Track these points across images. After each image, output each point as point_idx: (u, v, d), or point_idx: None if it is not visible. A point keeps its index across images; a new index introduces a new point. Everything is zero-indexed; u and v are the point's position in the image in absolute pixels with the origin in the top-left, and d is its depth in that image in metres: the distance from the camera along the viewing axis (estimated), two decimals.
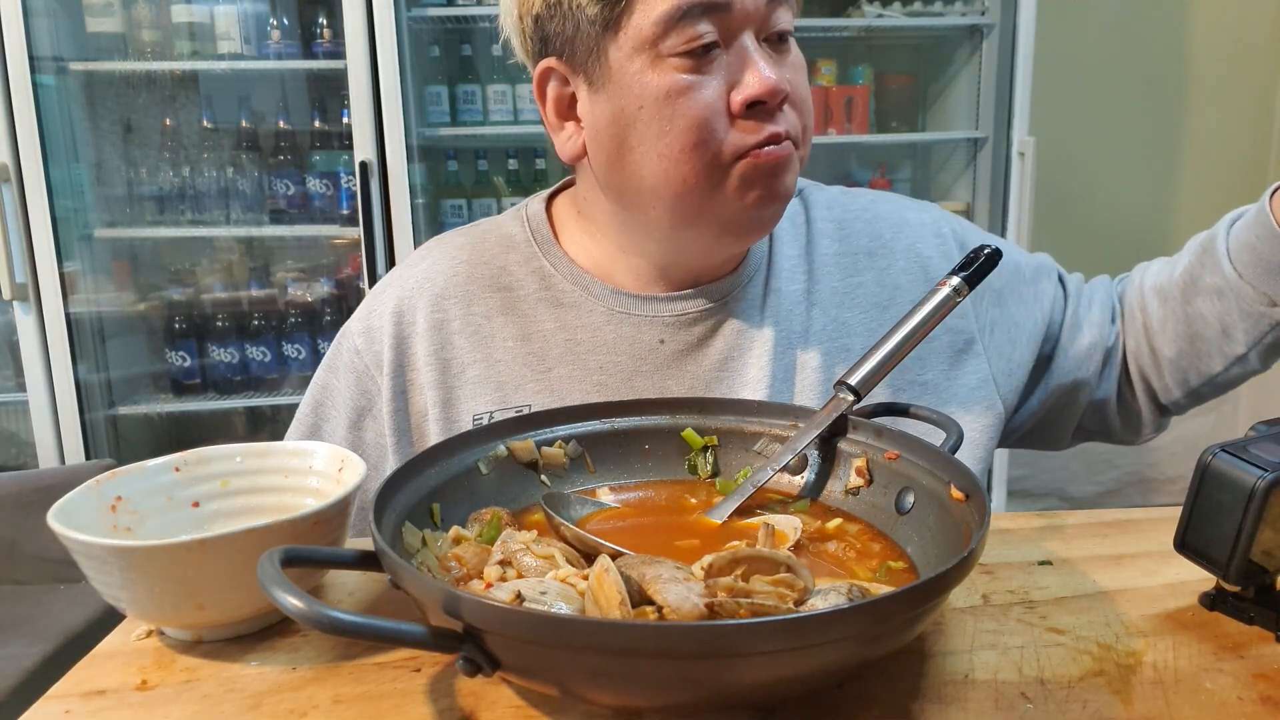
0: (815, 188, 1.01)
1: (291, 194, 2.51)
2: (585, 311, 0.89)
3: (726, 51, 0.78)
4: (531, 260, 0.92)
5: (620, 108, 0.80)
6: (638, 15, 0.77)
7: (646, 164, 0.80)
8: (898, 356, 0.70)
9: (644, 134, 0.79)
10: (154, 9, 2.42)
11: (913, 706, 0.48)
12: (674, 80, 0.77)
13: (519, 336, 0.89)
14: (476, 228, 0.98)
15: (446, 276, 0.92)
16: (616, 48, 0.79)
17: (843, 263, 0.94)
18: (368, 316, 0.94)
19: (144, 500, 0.63)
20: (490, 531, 0.60)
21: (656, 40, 0.77)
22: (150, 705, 0.51)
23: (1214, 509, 0.54)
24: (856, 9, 2.66)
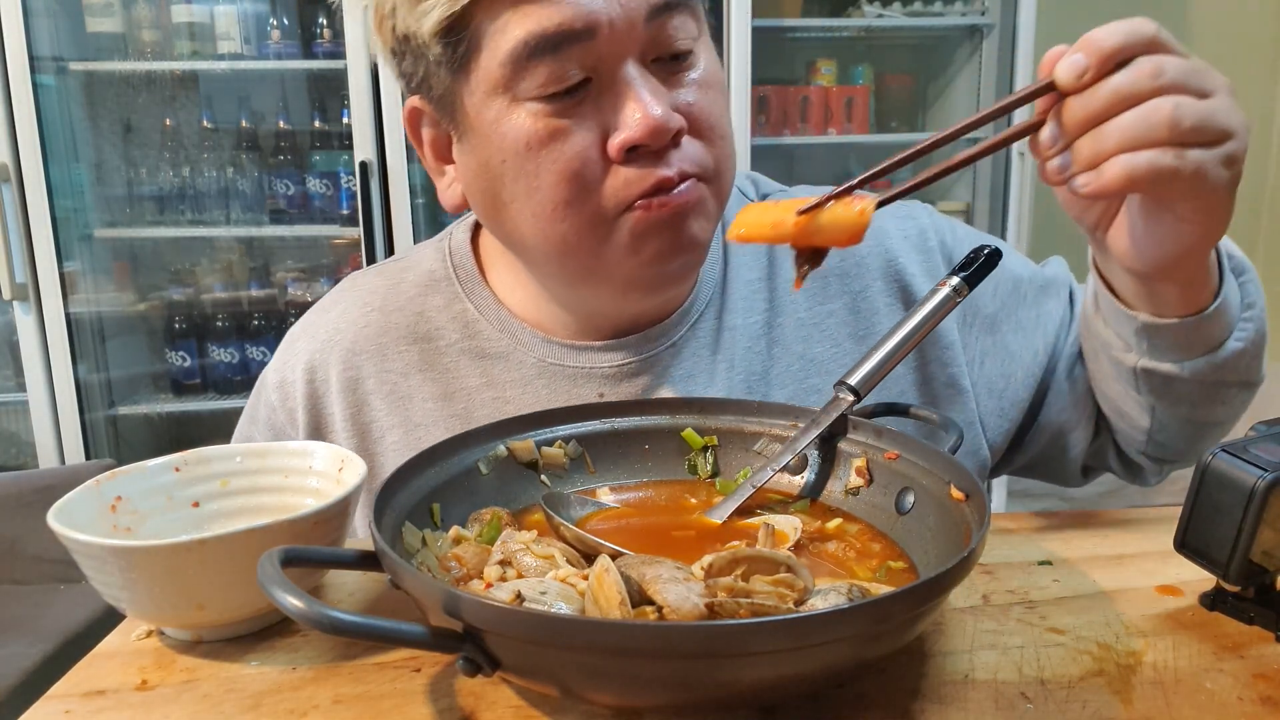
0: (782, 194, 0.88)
1: (291, 194, 2.52)
2: (514, 364, 0.79)
3: (600, 85, 0.66)
4: (454, 303, 0.82)
5: (484, 160, 0.70)
6: (485, 55, 0.66)
7: (523, 221, 0.70)
8: (897, 357, 0.68)
9: (513, 190, 0.69)
10: (154, 9, 2.42)
11: (913, 706, 0.48)
12: (534, 128, 0.66)
13: (440, 395, 0.80)
14: (396, 264, 0.88)
15: (357, 328, 0.82)
16: (469, 93, 0.68)
17: (809, 289, 0.83)
18: (281, 368, 0.85)
19: (144, 500, 0.63)
20: (490, 531, 0.60)
21: (508, 83, 0.66)
22: (150, 705, 0.51)
23: (1214, 509, 0.54)
24: (856, 9, 2.66)
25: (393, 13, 0.69)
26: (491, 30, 0.65)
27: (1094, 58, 0.52)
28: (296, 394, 0.83)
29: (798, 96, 2.65)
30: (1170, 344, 0.69)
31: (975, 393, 0.84)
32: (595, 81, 0.67)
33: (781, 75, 2.72)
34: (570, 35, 0.64)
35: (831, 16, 2.73)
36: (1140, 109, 0.51)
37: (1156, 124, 0.51)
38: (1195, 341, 0.68)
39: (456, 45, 0.67)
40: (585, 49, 0.65)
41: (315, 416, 0.83)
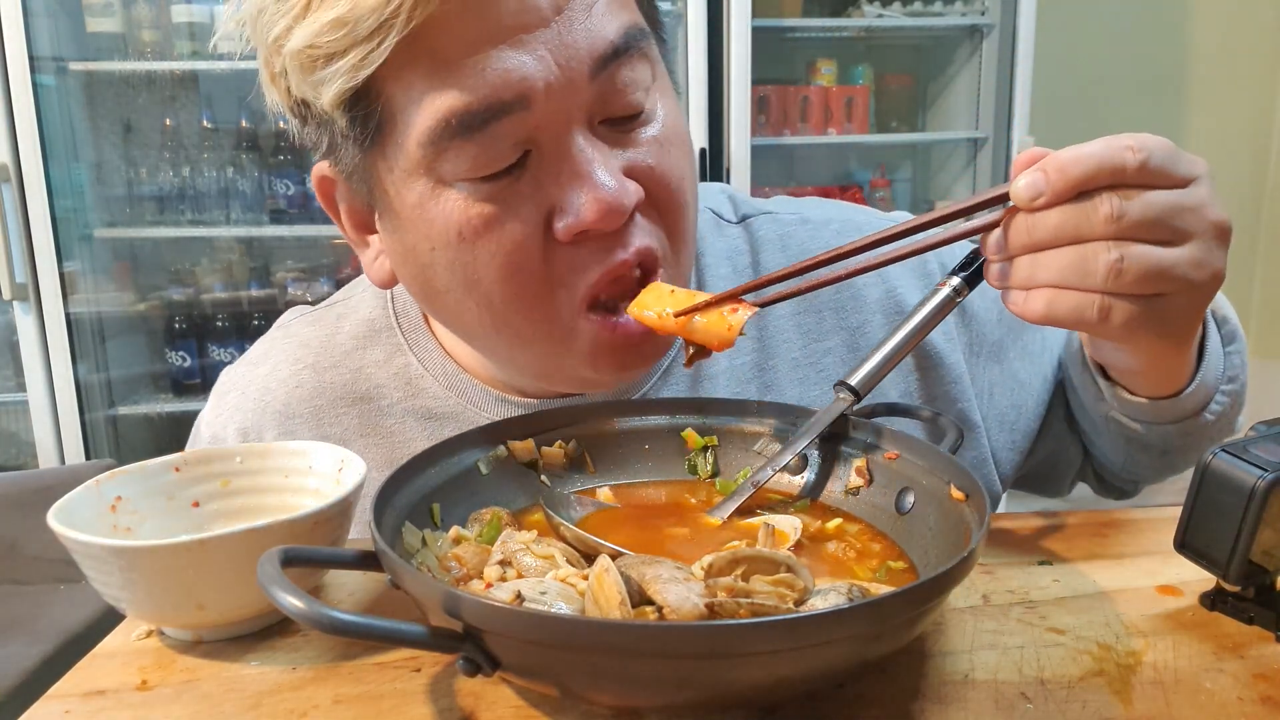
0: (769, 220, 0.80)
1: (291, 194, 2.51)
2: (465, 425, 0.71)
3: (541, 157, 0.57)
4: (395, 356, 0.74)
5: (410, 246, 0.61)
6: (400, 131, 0.56)
7: (465, 312, 0.62)
8: (897, 357, 0.68)
9: (449, 280, 0.60)
10: (154, 9, 2.42)
11: (913, 706, 0.48)
12: (466, 215, 0.57)
13: (385, 462, 0.72)
14: (331, 309, 0.79)
15: (289, 389, 0.75)
16: (387, 169, 0.59)
17: (804, 325, 0.76)
18: (214, 424, 0.78)
19: (144, 500, 0.63)
20: (490, 531, 0.60)
21: (430, 164, 0.57)
22: (150, 705, 0.51)
23: (1214, 509, 0.54)
24: (856, 9, 2.66)
25: (284, 74, 0.58)
26: (405, 102, 0.56)
27: (1054, 184, 0.48)
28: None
29: (798, 96, 2.66)
30: (1139, 414, 0.68)
31: (987, 426, 0.80)
32: (535, 153, 0.58)
33: (781, 75, 2.72)
34: (499, 109, 0.54)
35: (831, 16, 2.73)
36: (1080, 250, 0.48)
37: (1091, 271, 0.48)
38: (1166, 415, 0.67)
39: (366, 119, 0.57)
40: (519, 120, 0.55)
41: None
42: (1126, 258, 0.48)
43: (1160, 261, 0.48)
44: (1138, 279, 0.48)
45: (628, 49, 0.57)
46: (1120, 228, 0.47)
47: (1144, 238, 0.48)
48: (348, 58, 0.53)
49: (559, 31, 0.54)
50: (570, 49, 0.55)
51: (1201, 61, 3.06)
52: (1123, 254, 0.48)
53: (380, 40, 0.52)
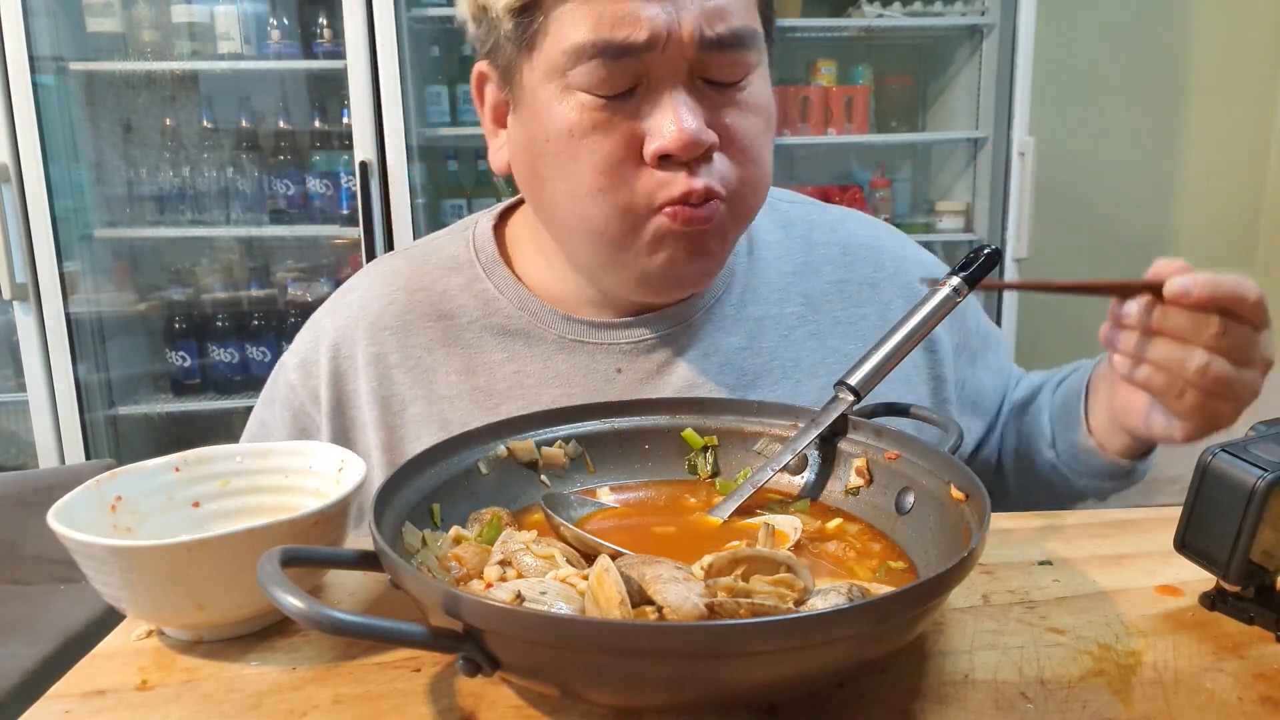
0: (820, 209, 0.95)
1: (291, 194, 2.51)
2: (534, 340, 0.83)
3: (647, 92, 0.70)
4: (475, 283, 0.85)
5: (531, 135, 0.74)
6: (550, 40, 0.70)
7: (557, 197, 0.74)
8: (898, 356, 0.69)
9: (553, 168, 0.73)
10: (154, 9, 2.42)
11: (913, 706, 0.48)
12: (580, 117, 0.70)
13: (463, 370, 0.82)
14: (416, 248, 0.91)
15: (381, 305, 0.85)
16: (530, 69, 0.72)
17: (846, 291, 0.89)
18: (304, 349, 0.87)
19: (144, 500, 0.63)
20: (490, 531, 0.60)
21: (565, 70, 0.69)
22: (150, 705, 0.51)
23: (1214, 509, 0.54)
24: (856, 9, 2.66)
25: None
26: (560, 18, 0.69)
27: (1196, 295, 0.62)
28: (320, 372, 0.85)
29: (798, 96, 2.65)
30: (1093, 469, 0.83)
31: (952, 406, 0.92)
32: (643, 88, 0.70)
33: (781, 75, 2.72)
34: (629, 48, 0.68)
35: (831, 16, 2.72)
36: (1186, 347, 0.64)
37: (1186, 366, 0.64)
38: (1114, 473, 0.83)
39: (527, 26, 0.71)
40: (640, 60, 0.68)
41: (338, 392, 0.84)
42: (1213, 366, 0.63)
43: (1232, 376, 0.64)
44: (1214, 382, 0.64)
45: (735, 37, 0.70)
46: (1218, 344, 0.63)
47: (1228, 355, 0.64)
48: None
49: (692, 8, 0.68)
50: (695, 20, 0.68)
51: (1201, 62, 3.06)
52: (1211, 361, 0.63)
53: None
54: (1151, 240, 3.14)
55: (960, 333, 0.92)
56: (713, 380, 0.82)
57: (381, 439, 0.82)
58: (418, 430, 0.82)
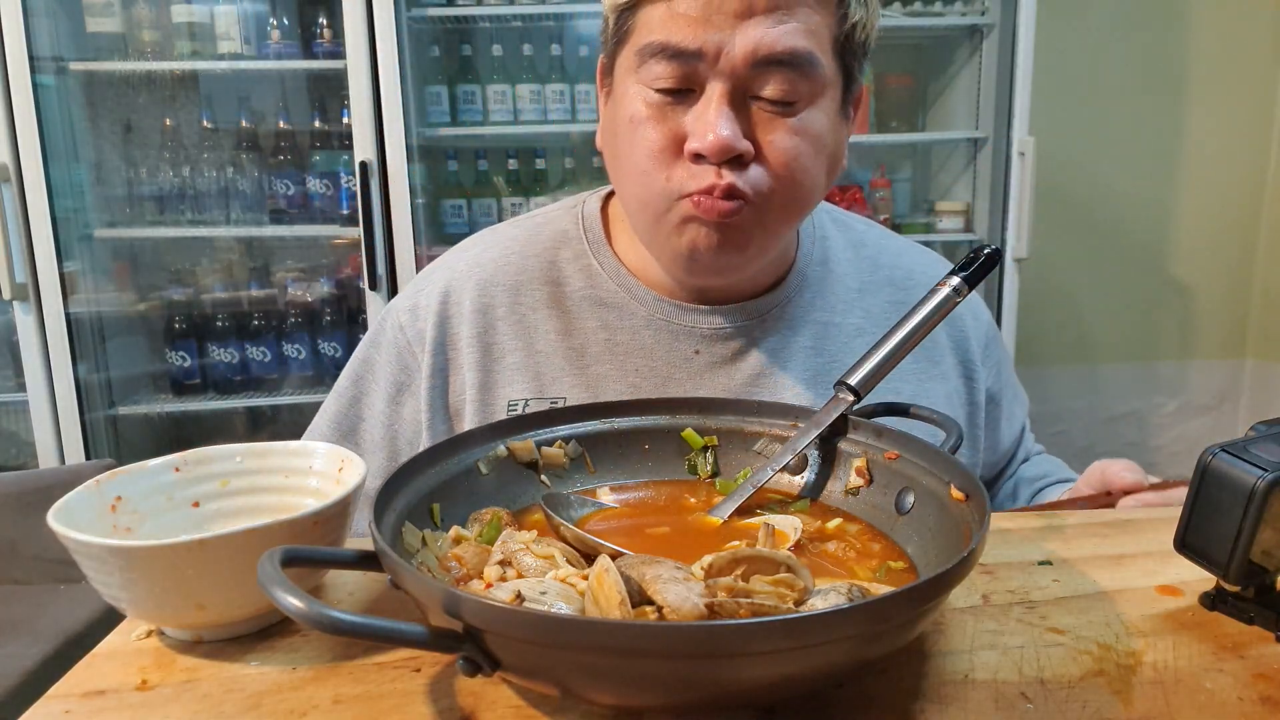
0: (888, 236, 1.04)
1: (291, 194, 2.51)
2: (627, 314, 0.91)
3: (698, 97, 0.78)
4: (581, 258, 0.94)
5: (613, 118, 0.85)
6: (634, 37, 0.80)
7: (622, 174, 0.84)
8: (897, 356, 0.70)
9: (623, 148, 0.83)
10: (154, 9, 2.42)
11: (913, 706, 0.48)
12: (641, 109, 0.79)
13: (561, 331, 0.91)
14: (531, 219, 1.00)
15: (497, 264, 0.94)
16: (622, 61, 0.83)
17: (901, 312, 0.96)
18: (415, 295, 0.96)
19: (144, 500, 0.63)
20: (490, 531, 0.60)
21: (638, 67, 0.80)
22: (150, 705, 0.51)
23: (1214, 509, 0.54)
24: None
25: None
26: (643, 21, 0.79)
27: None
28: (429, 314, 0.93)
29: None
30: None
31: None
32: (697, 92, 0.78)
33: None
34: (686, 53, 0.76)
35: None
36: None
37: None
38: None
39: (623, 23, 0.82)
40: (692, 66, 0.77)
41: (443, 333, 0.92)
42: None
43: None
44: None
45: (788, 62, 0.77)
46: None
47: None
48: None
49: (749, 25, 0.76)
50: (748, 39, 0.75)
51: (1201, 61, 3.05)
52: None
53: None
54: (1151, 240, 3.14)
55: (996, 380, 1.02)
56: (780, 372, 0.89)
57: (477, 380, 0.90)
58: (512, 377, 0.90)
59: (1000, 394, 1.02)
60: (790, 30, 0.76)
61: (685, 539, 0.62)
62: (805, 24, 0.77)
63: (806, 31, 0.77)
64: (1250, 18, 3.05)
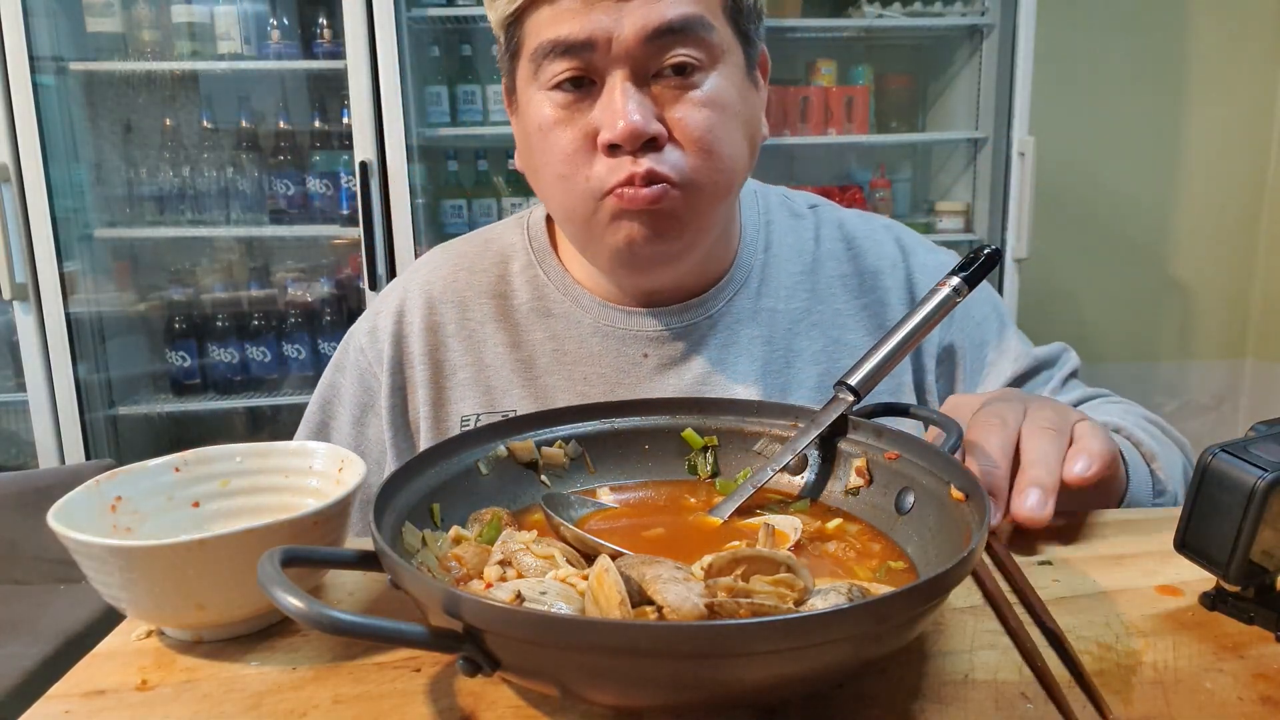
0: (830, 207, 1.02)
1: (291, 194, 2.51)
2: (573, 323, 0.92)
3: (600, 88, 0.78)
4: (527, 270, 0.95)
5: (524, 132, 0.84)
6: (525, 47, 0.80)
7: (544, 184, 0.84)
8: (897, 357, 0.70)
9: (539, 158, 0.82)
10: (154, 9, 2.42)
11: (913, 706, 0.48)
12: (548, 114, 0.79)
13: (509, 344, 0.92)
14: (481, 235, 1.01)
15: (446, 282, 0.96)
16: (520, 76, 0.83)
17: (849, 284, 0.96)
18: (373, 317, 0.98)
19: (144, 500, 0.63)
20: (490, 531, 0.60)
21: (536, 74, 0.79)
22: (150, 705, 0.51)
23: (1214, 509, 0.54)
24: (856, 9, 2.66)
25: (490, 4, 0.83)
26: (530, 29, 0.79)
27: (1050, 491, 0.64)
28: (385, 335, 0.95)
29: (798, 96, 2.65)
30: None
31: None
32: (598, 85, 0.78)
33: (781, 75, 2.72)
34: (576, 45, 0.76)
35: (831, 16, 2.72)
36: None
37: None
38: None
39: (511, 39, 0.82)
40: (588, 58, 0.76)
41: (398, 352, 0.94)
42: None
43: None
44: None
45: (679, 29, 0.76)
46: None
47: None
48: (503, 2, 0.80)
49: (632, 5, 0.75)
50: (636, 16, 0.75)
51: (1201, 61, 3.06)
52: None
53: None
54: (1151, 240, 3.14)
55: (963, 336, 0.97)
56: (730, 367, 0.90)
57: (429, 397, 0.92)
58: (463, 393, 0.92)
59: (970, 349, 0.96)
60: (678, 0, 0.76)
61: (685, 539, 0.62)
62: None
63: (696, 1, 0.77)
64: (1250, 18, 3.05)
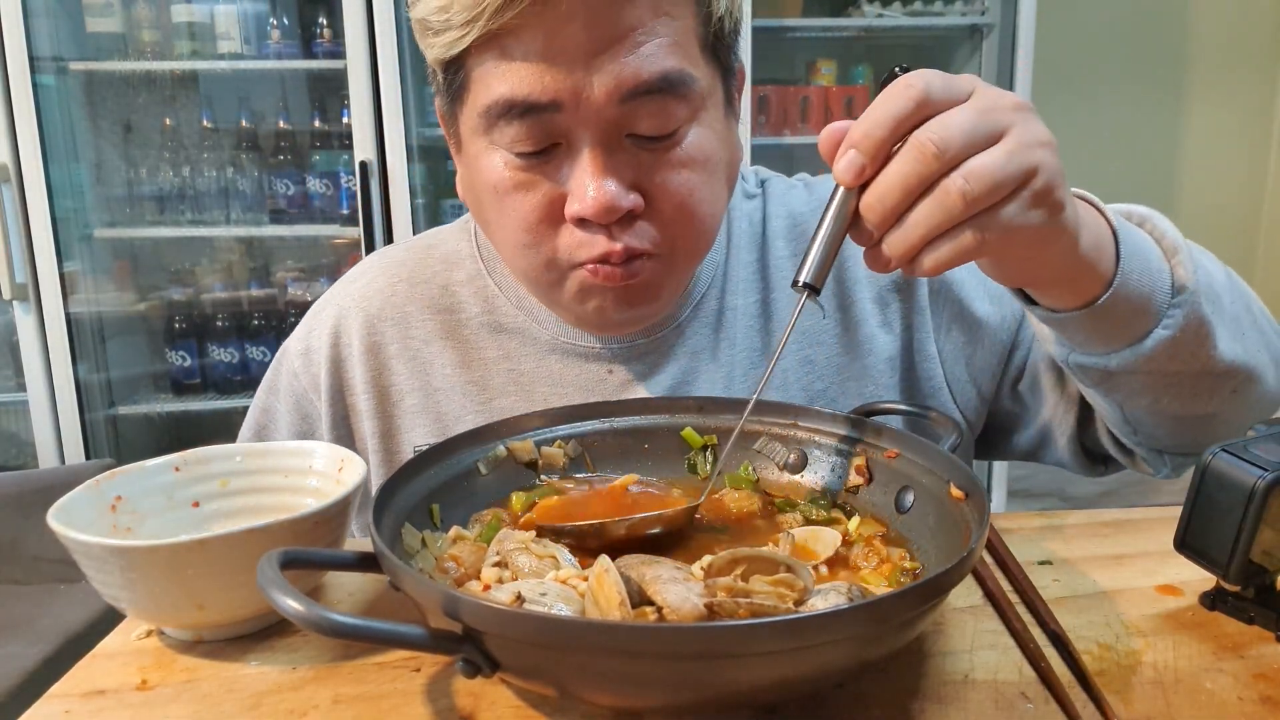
0: (777, 180, 0.92)
1: (291, 194, 2.51)
2: (530, 339, 0.83)
3: (568, 150, 0.68)
4: (476, 279, 0.86)
5: (470, 182, 0.76)
6: (472, 97, 0.69)
7: (500, 244, 0.76)
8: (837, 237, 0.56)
9: (489, 216, 0.74)
10: (154, 9, 2.42)
11: (913, 706, 0.48)
12: (503, 176, 0.69)
13: (459, 364, 0.84)
14: (421, 241, 0.91)
15: (384, 296, 0.86)
16: (463, 120, 0.73)
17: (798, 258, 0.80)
18: (306, 337, 0.88)
19: (144, 500, 0.63)
20: (489, 532, 0.60)
21: (486, 129, 0.69)
22: (150, 705, 0.51)
23: (1214, 509, 0.54)
24: (856, 9, 2.66)
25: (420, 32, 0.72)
26: (478, 76, 0.68)
27: (868, 153, 0.52)
28: (321, 359, 0.86)
29: (798, 96, 2.65)
30: (1081, 337, 0.66)
31: (942, 358, 0.85)
32: (563, 146, 0.68)
33: (781, 75, 2.72)
34: (535, 106, 0.66)
35: (831, 16, 2.72)
36: (933, 196, 0.51)
37: (951, 206, 0.50)
38: (1106, 333, 0.65)
39: (452, 81, 0.71)
40: (551, 119, 0.66)
41: (338, 379, 0.85)
42: (969, 176, 0.50)
43: (994, 165, 0.50)
44: (989, 189, 0.50)
45: (659, 90, 0.66)
46: (951, 155, 0.50)
47: (972, 152, 0.50)
48: (444, 35, 0.67)
49: (604, 60, 0.65)
50: (607, 76, 0.65)
51: (1201, 61, 3.06)
52: (965, 174, 0.50)
53: (465, 33, 0.65)
54: None
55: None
56: (702, 376, 0.82)
57: (377, 428, 0.84)
58: (413, 421, 0.83)
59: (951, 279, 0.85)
60: (653, 52, 0.65)
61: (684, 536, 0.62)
62: (668, 37, 0.66)
63: (672, 46, 0.66)
64: (1250, 17, 3.05)
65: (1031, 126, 0.53)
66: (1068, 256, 0.59)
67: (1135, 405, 0.72)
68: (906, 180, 0.51)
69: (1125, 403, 0.72)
